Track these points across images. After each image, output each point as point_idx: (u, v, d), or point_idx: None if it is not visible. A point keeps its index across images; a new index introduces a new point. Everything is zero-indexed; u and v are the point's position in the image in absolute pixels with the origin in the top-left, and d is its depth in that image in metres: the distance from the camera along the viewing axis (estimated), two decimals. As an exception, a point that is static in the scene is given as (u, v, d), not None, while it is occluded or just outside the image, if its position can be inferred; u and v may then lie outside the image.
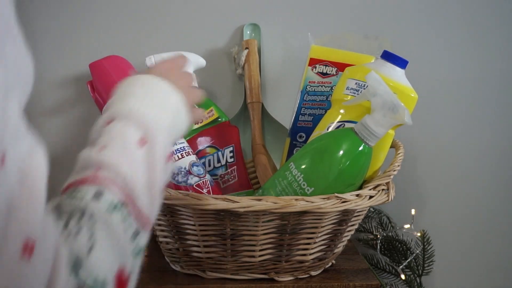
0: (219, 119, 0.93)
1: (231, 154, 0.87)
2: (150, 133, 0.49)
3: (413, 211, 1.10)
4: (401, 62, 0.82)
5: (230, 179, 0.87)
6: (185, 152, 0.82)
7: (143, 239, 0.46)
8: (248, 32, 1.03)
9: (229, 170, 0.87)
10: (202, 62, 0.91)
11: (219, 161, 0.87)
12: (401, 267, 1.04)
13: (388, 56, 0.82)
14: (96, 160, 0.46)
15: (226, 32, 1.04)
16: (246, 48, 1.01)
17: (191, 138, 0.90)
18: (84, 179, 0.45)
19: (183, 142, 0.84)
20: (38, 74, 0.41)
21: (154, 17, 1.04)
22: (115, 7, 1.03)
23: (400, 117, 0.71)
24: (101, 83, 0.88)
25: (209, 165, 0.88)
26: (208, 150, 0.88)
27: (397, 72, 0.81)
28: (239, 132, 0.94)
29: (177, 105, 0.55)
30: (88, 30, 1.04)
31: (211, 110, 0.93)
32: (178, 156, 0.80)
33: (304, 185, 0.75)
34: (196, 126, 0.89)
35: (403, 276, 1.02)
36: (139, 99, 0.52)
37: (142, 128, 0.49)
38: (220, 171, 0.89)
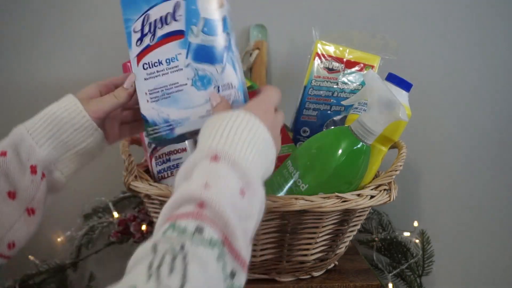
0: (253, 87, 0.94)
1: None
2: (252, 188, 0.52)
3: (415, 223, 1.10)
4: (406, 85, 0.82)
5: None
6: None
7: (240, 280, 0.46)
8: (254, 33, 1.03)
9: None
10: None
11: None
12: (393, 272, 1.04)
13: (393, 79, 0.82)
14: (200, 197, 0.47)
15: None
16: (257, 48, 1.01)
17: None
18: (186, 214, 0.46)
19: None
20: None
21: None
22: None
23: (396, 114, 0.70)
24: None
25: None
26: None
27: (402, 95, 0.82)
28: None
29: (272, 161, 0.58)
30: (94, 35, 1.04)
31: None
32: None
33: (299, 182, 0.75)
34: None
35: (390, 286, 1.03)
36: (246, 148, 0.53)
37: (245, 181, 0.51)
38: None
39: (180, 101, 0.69)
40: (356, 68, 0.89)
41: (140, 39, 0.69)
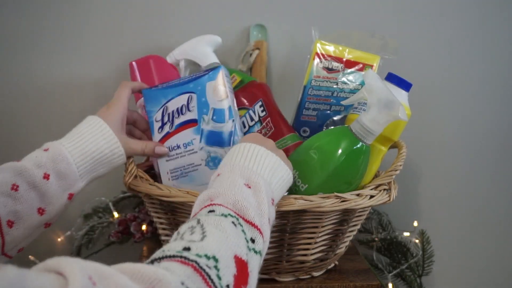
0: (244, 81, 0.93)
1: (261, 108, 0.88)
2: (253, 180, 0.61)
3: (415, 223, 1.10)
4: (405, 85, 0.82)
5: (267, 132, 0.88)
6: None
7: (259, 245, 0.56)
8: (254, 33, 1.03)
9: (264, 124, 0.88)
10: (218, 40, 0.95)
11: (252, 119, 0.88)
12: (393, 272, 1.04)
13: (392, 78, 0.82)
14: (211, 194, 0.59)
15: (232, 33, 1.04)
16: (257, 48, 1.01)
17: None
18: (201, 208, 0.57)
19: None
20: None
21: (160, 18, 1.04)
22: (122, 10, 1.03)
23: (395, 113, 0.70)
24: (143, 79, 0.91)
25: (244, 126, 0.89)
26: (239, 112, 0.89)
27: (402, 95, 0.81)
28: (266, 86, 0.94)
29: (274, 163, 0.66)
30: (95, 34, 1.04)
31: (233, 76, 0.93)
32: None
33: (298, 182, 0.75)
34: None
35: (390, 286, 1.03)
36: (240, 158, 0.65)
37: (245, 177, 0.62)
38: (256, 128, 0.88)
39: (196, 178, 0.81)
40: (356, 67, 0.89)
41: (161, 127, 0.81)
